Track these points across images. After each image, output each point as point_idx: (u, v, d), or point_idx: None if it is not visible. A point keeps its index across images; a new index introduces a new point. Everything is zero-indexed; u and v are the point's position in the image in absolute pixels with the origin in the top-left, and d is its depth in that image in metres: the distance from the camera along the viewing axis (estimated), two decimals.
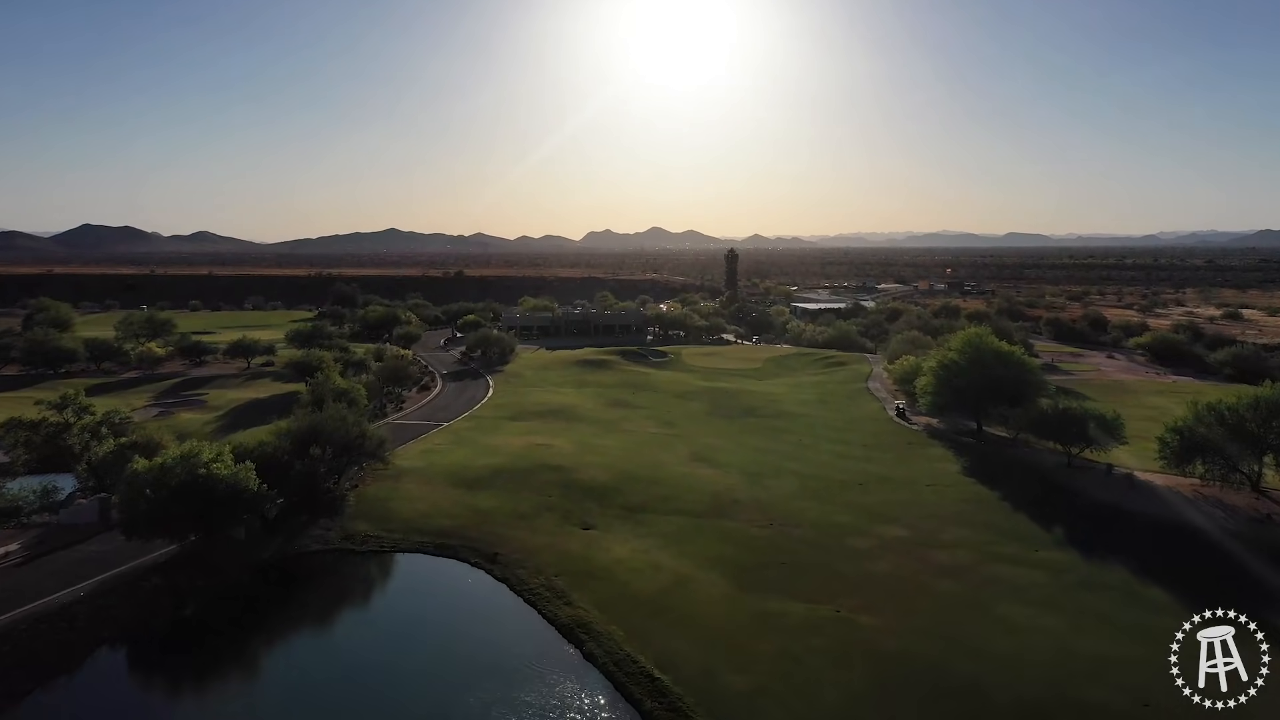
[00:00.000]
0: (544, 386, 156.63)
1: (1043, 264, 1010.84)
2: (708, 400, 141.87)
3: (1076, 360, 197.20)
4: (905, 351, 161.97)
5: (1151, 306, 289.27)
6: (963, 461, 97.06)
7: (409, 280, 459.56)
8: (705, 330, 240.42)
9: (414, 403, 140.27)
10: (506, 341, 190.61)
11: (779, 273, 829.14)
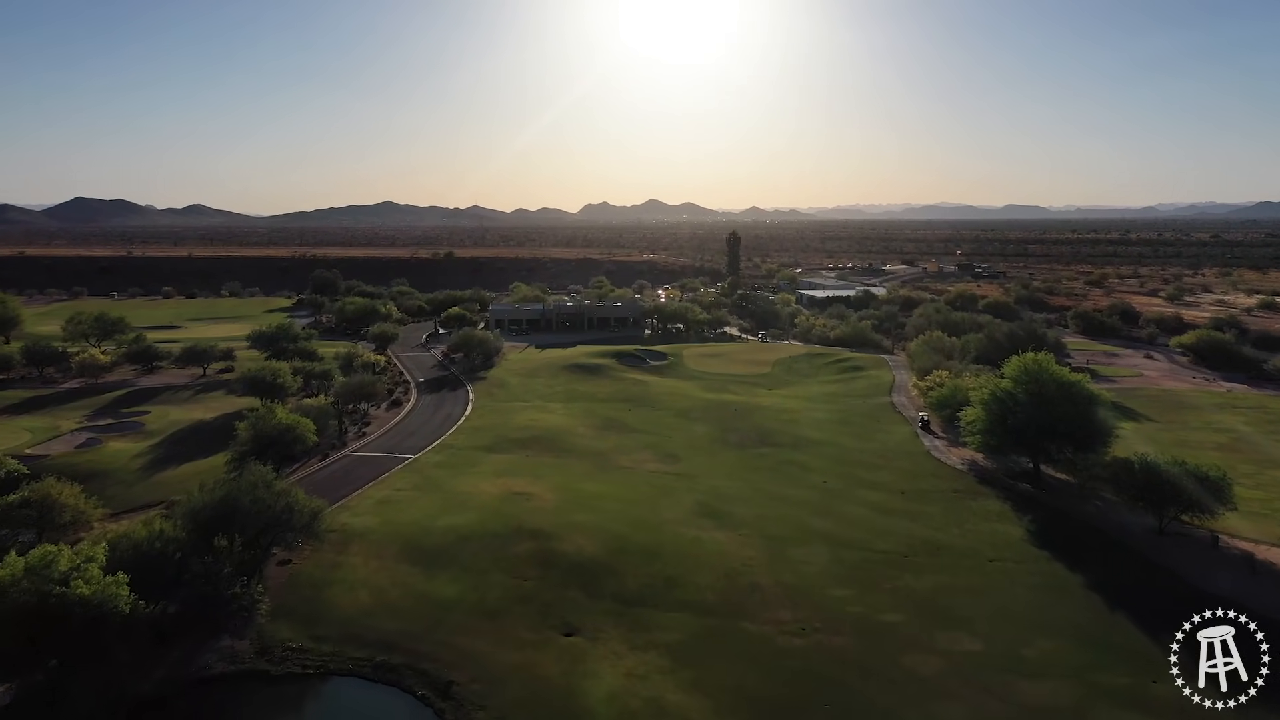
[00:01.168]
0: (529, 400, 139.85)
1: (1046, 239, 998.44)
2: (714, 420, 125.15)
3: (1113, 362, 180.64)
4: (930, 358, 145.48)
5: (1179, 295, 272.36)
6: (1026, 522, 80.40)
7: (397, 263, 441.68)
8: (707, 324, 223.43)
9: (381, 423, 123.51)
10: (490, 343, 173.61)
11: (778, 249, 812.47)
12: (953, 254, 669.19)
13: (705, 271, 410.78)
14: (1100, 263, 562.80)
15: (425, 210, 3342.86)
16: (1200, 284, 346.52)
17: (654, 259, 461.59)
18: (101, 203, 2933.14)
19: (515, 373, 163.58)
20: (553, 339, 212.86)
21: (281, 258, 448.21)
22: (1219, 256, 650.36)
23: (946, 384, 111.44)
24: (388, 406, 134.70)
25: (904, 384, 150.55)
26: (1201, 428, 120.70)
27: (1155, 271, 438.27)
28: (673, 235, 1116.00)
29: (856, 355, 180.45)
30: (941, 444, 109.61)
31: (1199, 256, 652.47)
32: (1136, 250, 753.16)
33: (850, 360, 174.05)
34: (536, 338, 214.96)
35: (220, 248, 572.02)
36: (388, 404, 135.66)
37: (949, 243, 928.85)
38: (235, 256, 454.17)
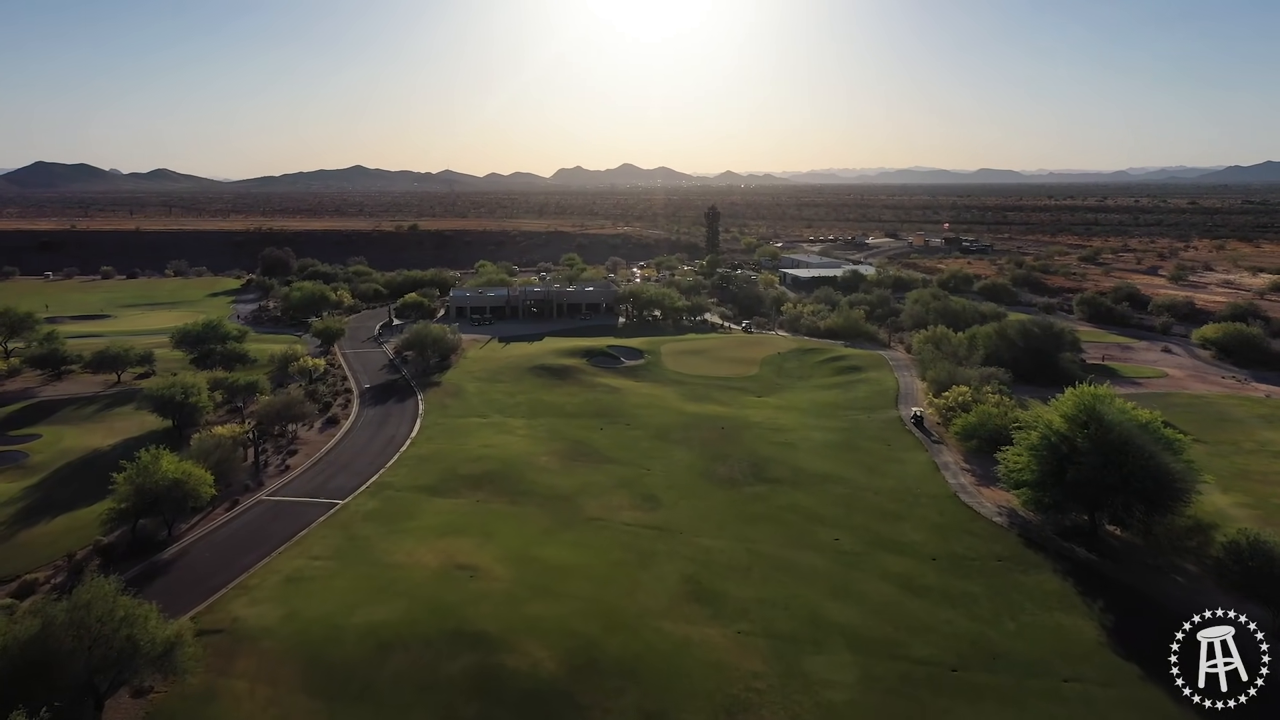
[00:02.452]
0: (487, 414, 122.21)
1: (1024, 206, 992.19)
2: (698, 443, 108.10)
3: (1130, 357, 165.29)
4: (942, 367, 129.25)
5: (1183, 274, 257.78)
6: (1098, 611, 63.99)
7: (358, 236, 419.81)
8: (686, 311, 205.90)
9: (311, 450, 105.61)
10: (446, 341, 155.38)
11: (754, 216, 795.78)
12: (936, 224, 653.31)
13: (682, 246, 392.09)
14: (1084, 232, 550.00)
15: (396, 175, 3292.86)
16: (1195, 258, 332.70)
17: (628, 232, 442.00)
18: (63, 167, 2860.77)
19: (474, 376, 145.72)
20: (518, 329, 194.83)
21: (236, 231, 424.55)
22: (1200, 225, 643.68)
23: (974, 411, 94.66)
24: (323, 425, 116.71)
25: (910, 390, 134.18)
26: (1255, 450, 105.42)
27: (1145, 244, 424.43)
28: (647, 202, 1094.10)
29: (852, 352, 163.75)
30: (966, 478, 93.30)
31: (1181, 225, 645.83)
32: (1116, 218, 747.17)
33: (846, 359, 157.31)
34: (500, 327, 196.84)
35: (174, 219, 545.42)
36: (323, 421, 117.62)
37: (927, 210, 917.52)
38: (186, 231, 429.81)
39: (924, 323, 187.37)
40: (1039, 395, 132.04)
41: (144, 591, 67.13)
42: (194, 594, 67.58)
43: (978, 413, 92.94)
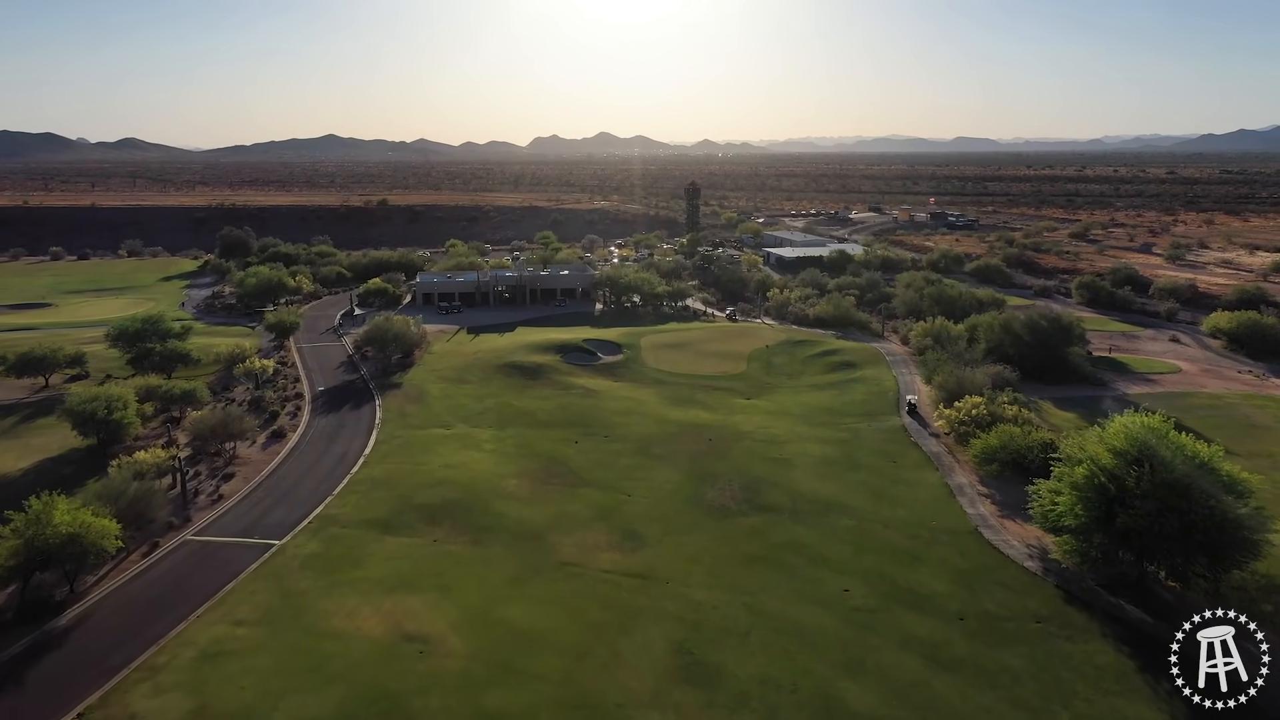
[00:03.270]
0: (451, 424, 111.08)
1: (1003, 176, 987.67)
2: (684, 459, 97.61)
3: (1137, 347, 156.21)
4: (947, 372, 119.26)
5: (1180, 254, 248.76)
6: (1164, 694, 54.02)
7: (326, 212, 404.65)
8: (667, 297, 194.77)
9: (251, 471, 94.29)
10: (409, 336, 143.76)
11: (733, 187, 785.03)
12: (917, 195, 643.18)
13: (661, 222, 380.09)
14: (1066, 204, 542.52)
15: (370, 144, 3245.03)
16: (1187, 234, 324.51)
17: (605, 206, 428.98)
18: (28, 136, 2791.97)
19: (439, 375, 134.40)
20: (489, 317, 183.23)
21: (197, 208, 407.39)
22: (1181, 196, 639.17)
23: (995, 431, 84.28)
24: (268, 440, 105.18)
25: (915, 387, 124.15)
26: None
27: (1132, 217, 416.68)
28: (624, 172, 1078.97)
29: (844, 344, 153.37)
30: (986, 506, 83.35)
31: (1163, 196, 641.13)
32: (1096, 188, 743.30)
33: (839, 353, 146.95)
34: (470, 316, 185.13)
35: (133, 194, 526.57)
36: (268, 436, 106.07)
37: (906, 180, 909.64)
38: (145, 207, 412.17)
39: (917, 309, 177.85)
40: (1048, 395, 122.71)
41: (29, 675, 56.39)
42: (87, 678, 56.65)
43: (1000, 434, 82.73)
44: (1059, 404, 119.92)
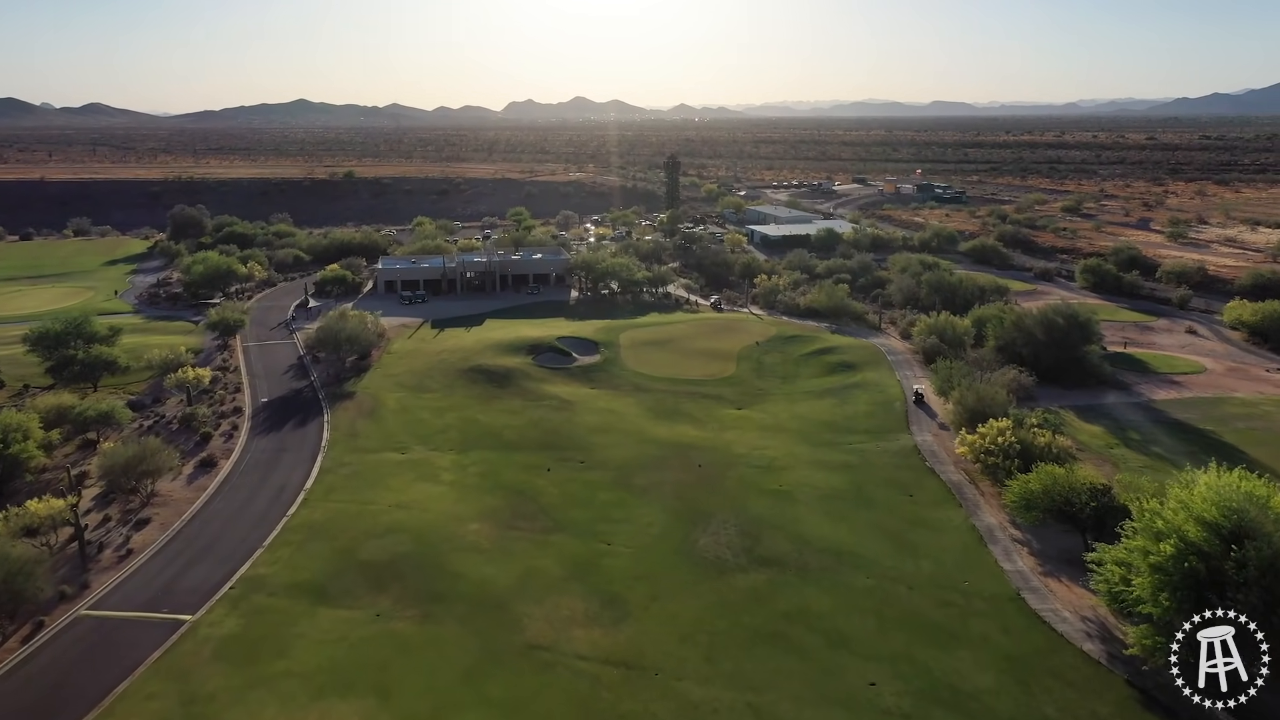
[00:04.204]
0: (407, 447, 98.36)
1: (983, 142, 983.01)
2: (671, 496, 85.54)
3: (1152, 340, 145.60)
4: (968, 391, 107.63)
5: (1182, 231, 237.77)
6: None
7: (289, 185, 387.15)
8: (647, 282, 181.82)
9: (168, 515, 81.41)
10: (364, 337, 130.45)
11: (711, 154, 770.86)
12: (897, 163, 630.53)
13: (639, 195, 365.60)
14: (1050, 173, 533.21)
15: (342, 109, 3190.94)
16: (1182, 207, 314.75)
17: (581, 179, 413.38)
18: None
19: (397, 382, 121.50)
20: (455, 307, 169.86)
21: (153, 181, 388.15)
22: (1164, 163, 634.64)
23: (1036, 475, 72.08)
24: (196, 469, 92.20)
25: (924, 393, 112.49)
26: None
27: (1121, 188, 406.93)
28: (600, 139, 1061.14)
29: (840, 340, 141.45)
30: (1024, 558, 71.91)
31: (1145, 164, 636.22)
32: (1078, 155, 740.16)
33: (835, 350, 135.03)
34: (435, 306, 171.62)
35: (87, 166, 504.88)
36: (196, 465, 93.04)
37: (886, 147, 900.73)
38: (98, 180, 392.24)
39: (915, 296, 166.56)
40: (1067, 402, 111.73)
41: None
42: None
43: (1041, 477, 70.62)
44: (1081, 414, 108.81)
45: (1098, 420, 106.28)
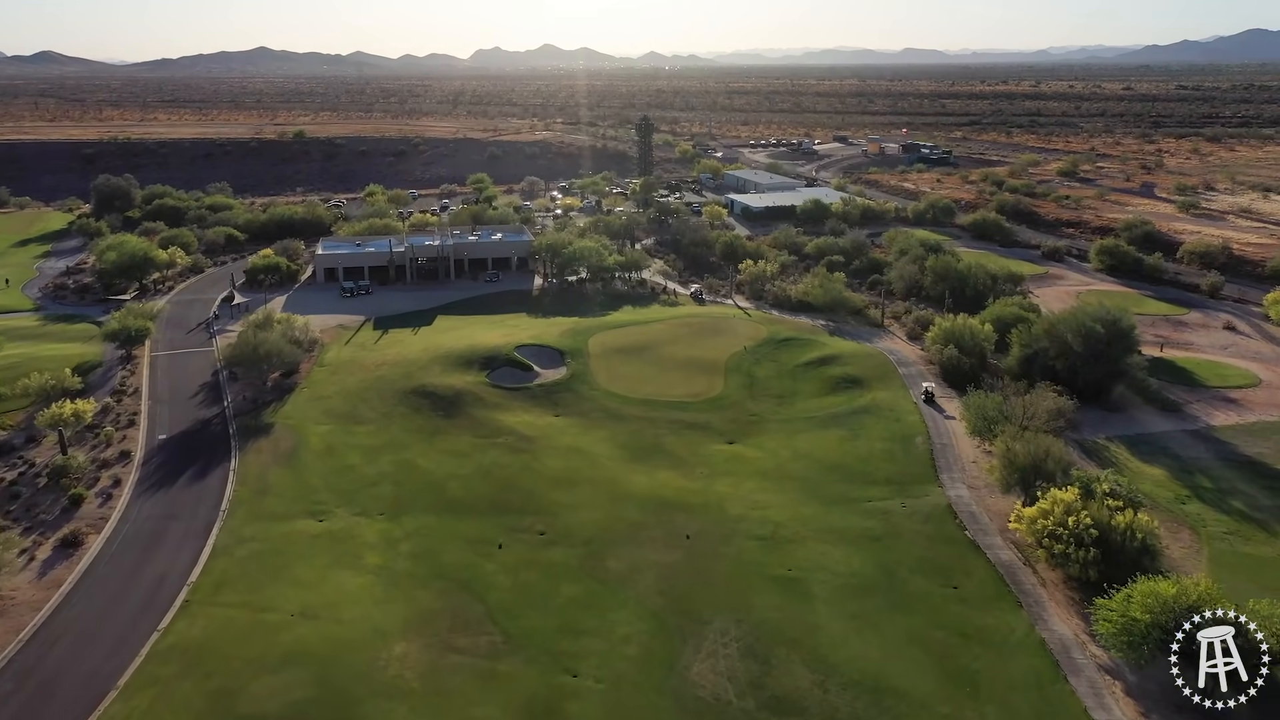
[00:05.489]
0: (327, 513, 79.79)
1: (958, 93, 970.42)
2: (654, 586, 67.93)
3: (1190, 341, 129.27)
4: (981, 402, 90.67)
5: (1193, 201, 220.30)
6: None
7: (235, 147, 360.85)
8: (620, 268, 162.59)
9: (4, 629, 62.68)
10: (289, 354, 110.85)
11: (684, 107, 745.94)
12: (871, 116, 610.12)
13: (610, 157, 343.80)
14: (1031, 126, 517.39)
15: (303, 57, 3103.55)
16: (1181, 168, 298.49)
17: (548, 138, 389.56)
18: None
19: (325, 409, 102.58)
20: (403, 301, 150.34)
21: (86, 142, 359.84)
22: (1145, 115, 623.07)
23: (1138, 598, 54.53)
24: (55, 548, 73.37)
25: (943, 433, 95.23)
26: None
27: (1112, 146, 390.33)
28: (569, 89, 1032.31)
29: (841, 346, 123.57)
30: (1119, 698, 54.91)
31: (1126, 116, 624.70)
32: (1057, 107, 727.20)
33: (836, 360, 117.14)
34: (381, 299, 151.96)
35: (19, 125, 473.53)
36: (55, 544, 74.11)
37: (861, 97, 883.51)
38: (26, 141, 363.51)
39: (918, 285, 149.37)
40: (1114, 432, 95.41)
41: None
42: None
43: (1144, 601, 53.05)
44: (1134, 448, 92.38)
45: (1156, 458, 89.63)
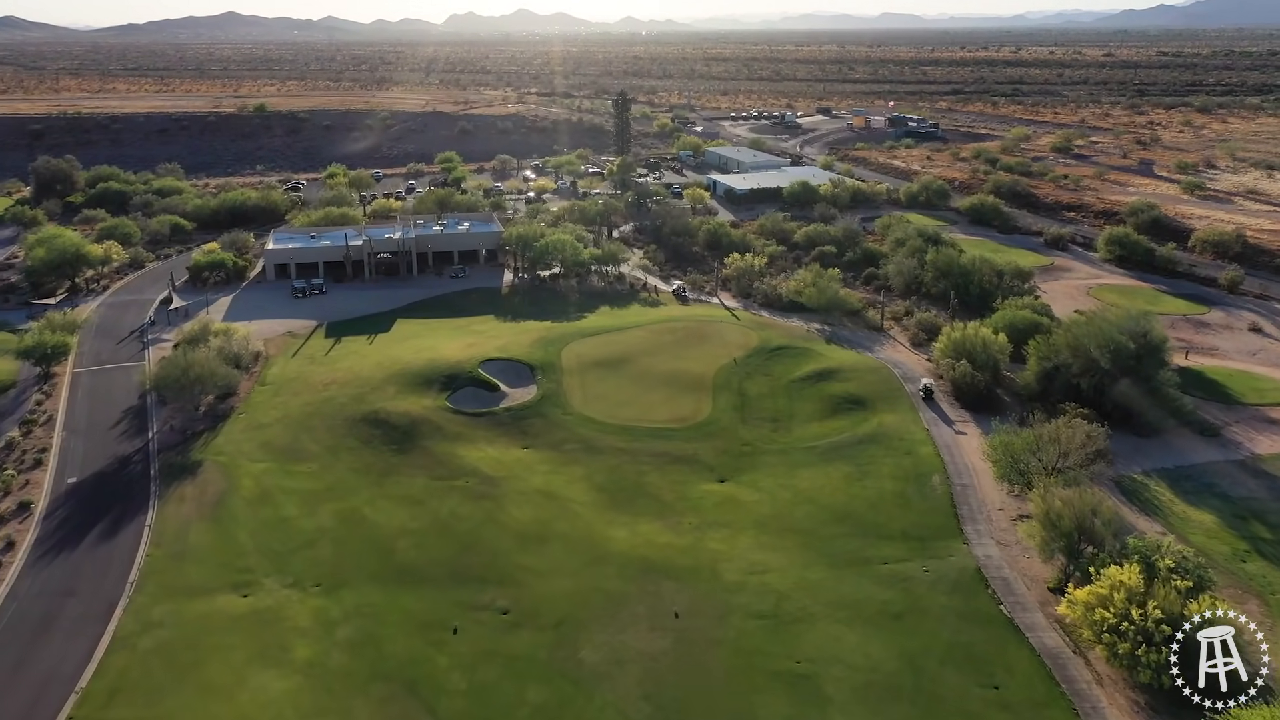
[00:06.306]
0: (253, 584, 68.33)
1: (939, 59, 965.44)
2: (637, 682, 57.14)
3: (1215, 345, 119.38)
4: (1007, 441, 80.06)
5: (1198, 182, 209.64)
6: None
7: (191, 121, 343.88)
8: (596, 262, 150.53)
9: None
10: (223, 375, 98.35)
11: (661, 74, 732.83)
12: (852, 84, 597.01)
13: (586, 131, 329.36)
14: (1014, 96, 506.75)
15: (273, 22, 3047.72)
16: (1176, 143, 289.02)
17: (521, 111, 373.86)
18: None
19: (262, 441, 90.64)
20: (360, 302, 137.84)
21: (34, 117, 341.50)
22: (1129, 83, 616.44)
23: None
24: None
25: (961, 468, 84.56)
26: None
27: (1100, 117, 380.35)
28: (545, 55, 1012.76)
29: (840, 357, 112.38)
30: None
31: (1109, 84, 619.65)
32: (1039, 74, 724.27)
33: (836, 375, 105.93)
34: (335, 299, 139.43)
35: None
36: None
37: (841, 65, 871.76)
38: None
39: (918, 281, 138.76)
40: (1149, 464, 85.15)
41: None
42: None
43: None
44: (1175, 484, 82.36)
45: (1203, 499, 79.35)
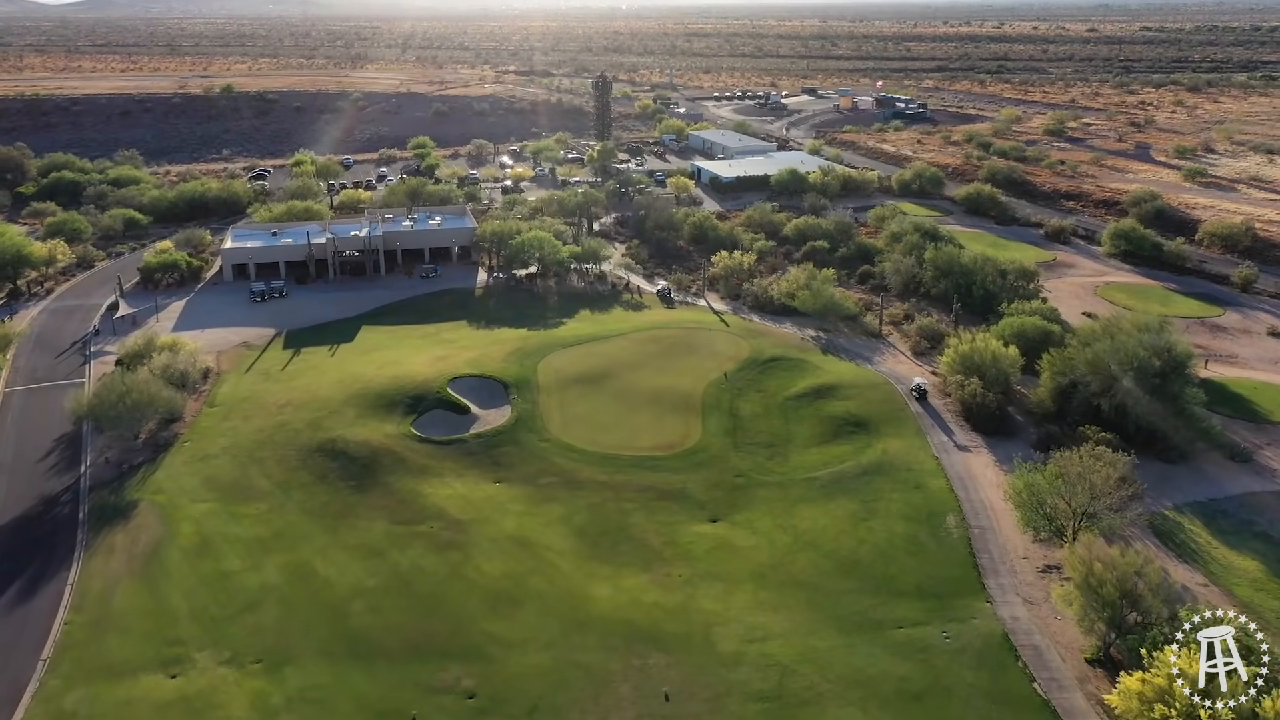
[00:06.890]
0: (183, 663, 60.30)
1: (923, 35, 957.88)
2: None
3: (1228, 348, 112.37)
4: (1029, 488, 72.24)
5: (1200, 168, 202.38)
6: None
7: (155, 103, 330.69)
8: (576, 260, 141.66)
9: None
10: (164, 401, 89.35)
11: (642, 51, 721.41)
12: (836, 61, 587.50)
13: (566, 113, 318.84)
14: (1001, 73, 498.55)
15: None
16: (1171, 124, 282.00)
17: (498, 92, 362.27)
18: None
19: (206, 477, 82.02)
20: (323, 306, 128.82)
21: None
22: (1114, 60, 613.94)
23: None
24: None
25: (977, 505, 76.90)
26: None
27: (1090, 96, 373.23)
28: (524, 31, 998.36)
29: (838, 370, 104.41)
30: None
31: (1095, 60, 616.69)
32: (1024, 50, 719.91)
33: (835, 391, 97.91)
34: (297, 301, 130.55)
35: None
36: None
37: (824, 40, 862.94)
38: None
39: (916, 281, 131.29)
40: (1179, 498, 77.81)
41: None
42: None
43: None
44: (1209, 521, 75.26)
45: (1244, 541, 72.02)
